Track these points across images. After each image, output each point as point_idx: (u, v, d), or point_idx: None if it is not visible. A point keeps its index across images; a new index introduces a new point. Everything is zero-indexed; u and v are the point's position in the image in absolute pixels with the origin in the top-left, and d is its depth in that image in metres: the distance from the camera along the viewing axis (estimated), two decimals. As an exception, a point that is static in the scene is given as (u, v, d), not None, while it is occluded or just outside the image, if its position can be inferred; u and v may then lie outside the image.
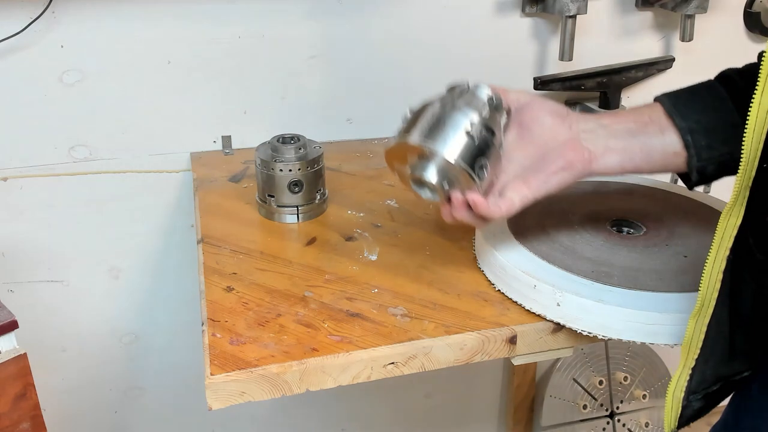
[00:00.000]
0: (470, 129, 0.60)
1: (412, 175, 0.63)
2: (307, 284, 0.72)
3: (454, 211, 0.63)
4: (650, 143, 0.60)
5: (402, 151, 0.63)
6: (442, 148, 0.60)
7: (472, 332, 0.63)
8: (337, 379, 0.61)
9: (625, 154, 0.61)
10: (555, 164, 0.61)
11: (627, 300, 0.61)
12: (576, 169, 0.61)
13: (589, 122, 0.62)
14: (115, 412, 1.25)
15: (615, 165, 0.62)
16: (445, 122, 0.61)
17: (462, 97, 0.63)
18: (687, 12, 1.14)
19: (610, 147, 0.61)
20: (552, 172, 0.61)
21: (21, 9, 0.93)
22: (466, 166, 0.59)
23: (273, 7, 1.03)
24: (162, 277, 1.16)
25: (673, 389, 0.58)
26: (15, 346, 0.76)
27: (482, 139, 0.60)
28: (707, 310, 0.54)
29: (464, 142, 0.60)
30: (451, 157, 0.59)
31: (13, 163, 1.02)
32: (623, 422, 1.45)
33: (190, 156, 1.07)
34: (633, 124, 0.61)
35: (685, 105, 0.60)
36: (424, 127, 0.61)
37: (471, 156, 0.60)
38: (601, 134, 0.61)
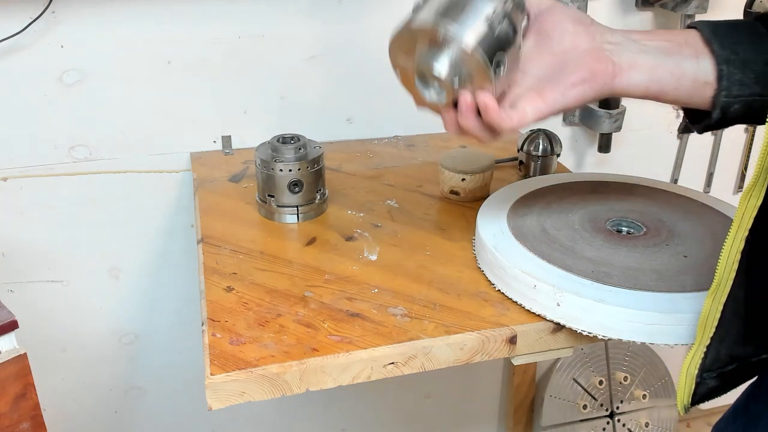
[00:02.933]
0: (491, 16, 0.53)
1: (419, 67, 0.56)
2: (307, 284, 0.72)
3: (460, 117, 0.57)
4: (683, 66, 0.55)
5: (411, 39, 0.56)
6: (458, 32, 0.52)
7: (472, 332, 0.63)
8: (337, 379, 0.61)
9: (653, 73, 0.55)
10: (575, 75, 0.55)
11: (627, 300, 0.61)
12: (597, 83, 0.55)
13: (616, 35, 0.57)
14: (115, 412, 1.25)
15: (640, 84, 0.56)
16: (464, 4, 0.53)
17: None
18: (687, 12, 1.14)
19: (638, 63, 0.55)
20: (571, 84, 0.55)
21: (21, 9, 0.93)
22: (484, 56, 0.52)
23: (273, 7, 1.03)
24: (162, 277, 1.16)
25: (687, 366, 0.57)
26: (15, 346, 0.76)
27: (502, 31, 0.53)
28: (724, 289, 0.54)
29: (483, 31, 0.53)
30: (468, 44, 0.52)
31: (13, 163, 1.02)
32: (623, 422, 1.45)
33: (190, 156, 1.07)
34: (667, 43, 0.56)
35: (725, 34, 0.55)
36: (439, 7, 0.54)
37: (490, 47, 0.53)
38: (629, 47, 0.56)
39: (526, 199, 0.80)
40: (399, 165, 1.03)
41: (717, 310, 0.55)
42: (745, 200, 0.52)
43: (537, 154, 0.95)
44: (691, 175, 1.31)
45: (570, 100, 0.56)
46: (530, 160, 0.96)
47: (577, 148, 1.27)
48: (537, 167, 0.96)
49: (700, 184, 1.33)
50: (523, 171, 0.97)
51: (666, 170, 1.31)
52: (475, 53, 0.53)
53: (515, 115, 0.56)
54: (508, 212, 0.77)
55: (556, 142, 0.96)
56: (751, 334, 0.57)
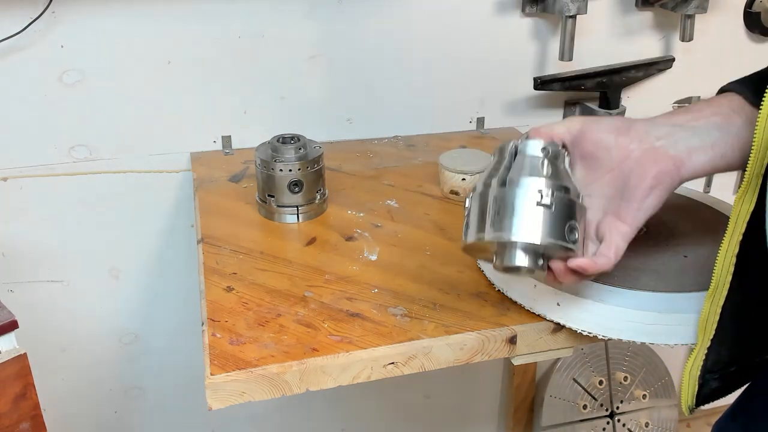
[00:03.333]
0: (541, 199, 0.53)
1: (503, 266, 0.56)
2: (307, 284, 0.72)
3: (559, 278, 0.57)
4: (741, 136, 0.54)
5: (480, 246, 0.57)
6: (520, 235, 0.53)
7: (472, 332, 0.63)
8: (337, 379, 0.61)
9: (714, 150, 0.54)
10: (642, 186, 0.54)
11: (627, 300, 0.61)
12: (666, 182, 0.54)
13: (661, 127, 0.55)
14: (115, 412, 1.25)
15: (706, 164, 0.54)
16: (513, 203, 0.54)
17: (515, 164, 0.56)
18: (687, 12, 1.14)
19: (695, 146, 0.54)
20: (643, 196, 0.54)
21: (21, 9, 0.93)
22: (555, 240, 0.53)
23: (273, 7, 1.03)
24: (162, 277, 1.16)
25: (689, 368, 0.58)
26: (15, 346, 0.76)
27: (559, 201, 0.54)
28: (722, 292, 0.54)
29: (542, 216, 0.53)
30: (535, 239, 0.53)
31: (13, 163, 1.02)
32: (623, 422, 1.45)
33: (190, 156, 1.07)
34: (716, 117, 0.54)
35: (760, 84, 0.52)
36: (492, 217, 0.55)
37: (556, 227, 0.53)
38: (681, 135, 0.54)
39: (526, 199, 0.80)
40: (399, 165, 1.03)
41: (716, 313, 0.56)
42: (738, 205, 0.52)
43: (537, 154, 0.95)
44: (691, 175, 1.31)
45: (648, 210, 0.55)
46: (530, 160, 0.95)
47: (577, 148, 1.27)
48: (537, 167, 0.95)
49: (700, 184, 1.33)
50: (523, 171, 0.97)
51: (666, 170, 1.30)
52: (544, 242, 0.53)
53: (610, 252, 0.55)
54: (508, 212, 0.77)
55: (556, 143, 0.96)
56: (751, 335, 0.57)
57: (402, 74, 1.12)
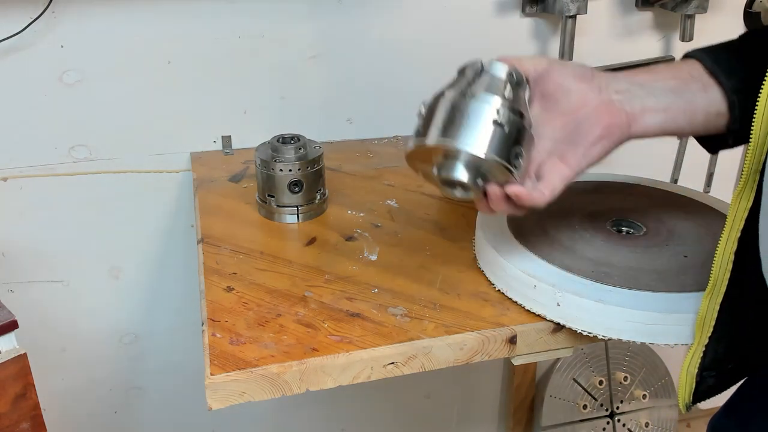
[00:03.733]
0: (497, 117, 0.53)
1: (440, 176, 0.56)
2: (307, 284, 0.72)
3: (492, 204, 0.58)
4: (694, 102, 0.55)
5: (424, 153, 0.57)
6: (469, 144, 0.53)
7: (472, 332, 0.63)
8: (337, 379, 0.61)
9: (667, 113, 0.56)
10: (591, 134, 0.55)
11: (627, 300, 0.61)
12: (615, 135, 0.55)
13: (621, 81, 0.56)
14: (115, 412, 1.25)
15: (656, 126, 0.56)
16: (468, 113, 0.54)
17: (478, 80, 0.56)
18: (687, 12, 1.14)
19: (649, 106, 0.55)
20: (590, 144, 0.55)
21: (21, 9, 0.93)
22: (500, 159, 0.53)
23: (273, 7, 1.03)
24: (162, 277, 1.16)
25: (687, 365, 0.58)
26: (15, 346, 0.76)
27: (512, 124, 0.54)
28: (720, 290, 0.55)
29: (493, 133, 0.53)
30: (481, 152, 0.53)
31: (13, 163, 1.02)
32: (623, 422, 1.45)
33: (190, 156, 1.07)
34: (673, 81, 0.56)
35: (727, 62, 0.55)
36: (443, 123, 0.54)
37: (504, 147, 0.53)
38: (637, 93, 0.56)
39: (526, 199, 0.80)
40: (399, 165, 1.03)
41: (714, 310, 0.56)
42: (736, 202, 0.52)
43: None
44: (691, 175, 1.31)
45: (593, 158, 0.56)
46: (530, 160, 0.95)
47: (577, 148, 1.27)
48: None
49: (700, 184, 1.33)
50: (523, 171, 0.97)
51: (666, 170, 1.31)
52: (490, 159, 0.53)
53: (546, 189, 0.56)
54: (508, 212, 0.77)
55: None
56: (749, 332, 0.57)
57: (402, 74, 1.12)
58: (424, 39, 1.11)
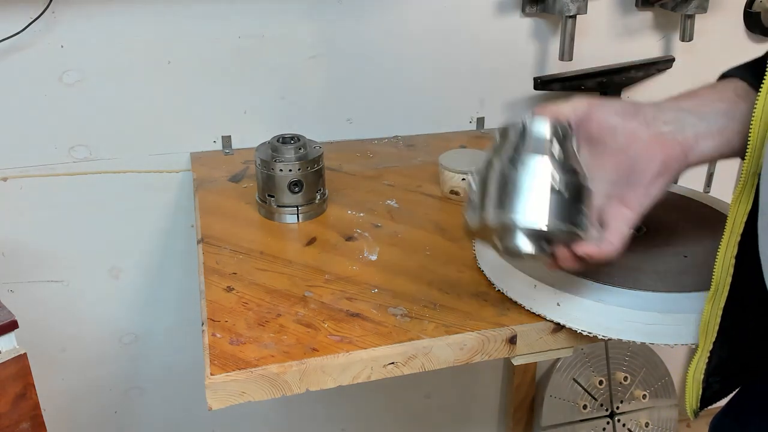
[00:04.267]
0: (554, 183, 0.51)
1: (504, 248, 0.54)
2: (307, 284, 0.72)
3: (561, 264, 0.56)
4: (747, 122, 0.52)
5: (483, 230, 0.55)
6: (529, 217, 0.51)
7: (472, 332, 0.63)
8: (337, 379, 0.61)
9: (722, 137, 0.53)
10: (649, 171, 0.53)
11: (627, 300, 0.61)
12: (673, 168, 0.53)
13: (668, 111, 0.54)
14: (115, 412, 1.25)
15: (713, 151, 0.54)
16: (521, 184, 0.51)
17: (523, 144, 0.53)
18: (687, 12, 1.14)
19: (703, 133, 0.53)
20: (649, 182, 0.53)
21: (21, 9, 0.93)
22: (565, 226, 0.51)
23: (273, 7, 1.03)
24: (162, 277, 1.16)
25: (693, 371, 0.58)
26: (15, 346, 0.76)
27: (569, 185, 0.51)
28: (722, 294, 0.54)
29: (552, 201, 0.51)
30: (543, 224, 0.51)
31: (13, 163, 1.02)
32: (623, 422, 1.45)
33: (190, 156, 1.07)
34: (721, 104, 0.54)
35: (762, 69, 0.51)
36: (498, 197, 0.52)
37: (566, 211, 0.51)
38: (688, 121, 0.53)
39: (526, 199, 0.80)
40: (399, 165, 1.03)
41: (717, 315, 0.56)
42: (735, 206, 0.52)
43: (537, 154, 0.95)
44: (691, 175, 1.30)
45: (653, 196, 0.54)
46: (530, 160, 0.95)
47: (577, 148, 1.27)
48: (537, 167, 0.95)
49: (700, 184, 1.33)
50: (523, 171, 0.97)
51: (666, 170, 1.30)
52: (552, 228, 0.51)
53: (614, 238, 0.54)
54: (508, 212, 0.77)
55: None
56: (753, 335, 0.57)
57: (402, 74, 1.12)
58: (424, 39, 1.11)
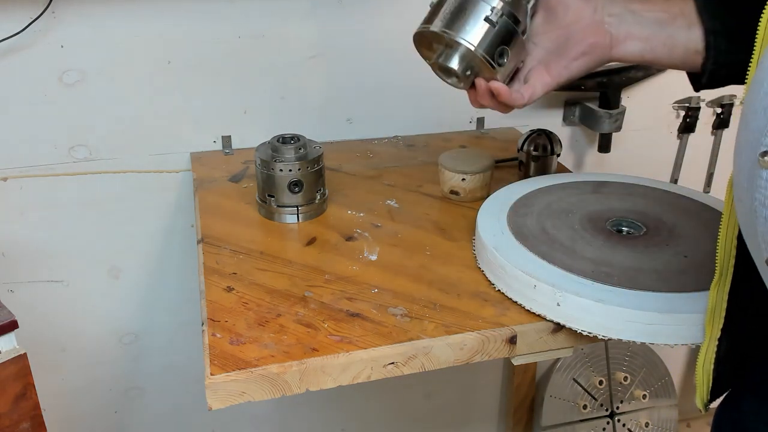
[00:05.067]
0: (491, 14, 0.61)
1: (438, 63, 0.64)
2: (307, 284, 0.72)
3: (478, 98, 0.63)
4: (676, 37, 0.59)
5: (427, 39, 0.65)
6: (461, 36, 0.61)
7: (472, 332, 0.63)
8: (337, 379, 0.61)
9: (647, 43, 0.60)
10: (575, 49, 0.60)
11: (627, 300, 0.61)
12: (596, 54, 0.60)
13: (616, 6, 0.61)
14: (115, 412, 1.25)
15: (636, 52, 0.60)
16: (467, 9, 0.61)
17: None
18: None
19: (634, 34, 0.60)
20: (572, 58, 0.61)
21: (21, 9, 0.93)
22: (484, 54, 0.61)
23: (273, 7, 1.03)
24: (162, 277, 1.16)
25: (702, 362, 0.57)
26: (15, 346, 0.76)
27: (503, 25, 0.61)
28: (726, 278, 0.54)
29: (484, 30, 0.61)
30: (471, 45, 0.61)
31: (13, 163, 1.02)
32: (623, 422, 1.45)
33: (190, 156, 1.07)
34: (662, 14, 0.59)
35: (717, 4, 0.57)
36: (446, 14, 0.63)
37: (491, 44, 0.61)
38: (627, 19, 0.60)
39: (526, 199, 0.80)
40: (399, 165, 1.03)
41: (723, 300, 0.55)
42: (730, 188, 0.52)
43: (537, 154, 0.95)
44: (691, 175, 1.31)
45: (573, 71, 0.61)
46: (530, 160, 0.96)
47: (577, 148, 1.27)
48: (537, 167, 0.96)
49: (700, 184, 1.33)
50: (523, 171, 0.97)
51: (666, 170, 1.31)
52: (476, 53, 0.61)
53: (526, 92, 0.62)
54: (508, 212, 0.77)
55: (556, 142, 0.96)
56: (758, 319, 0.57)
57: (402, 74, 1.12)
58: (424, 39, 1.11)
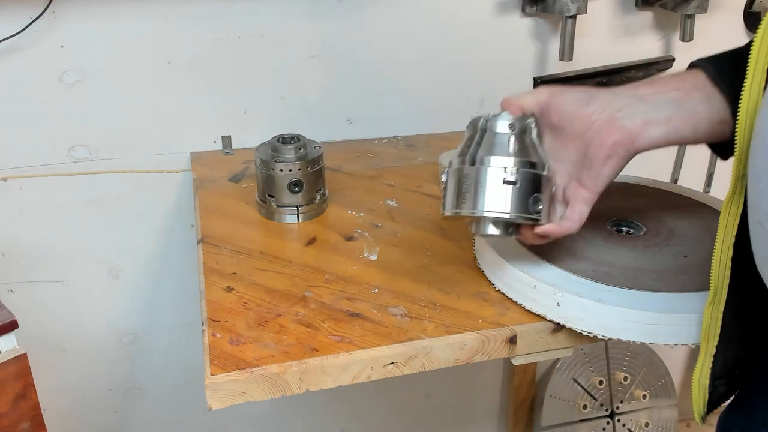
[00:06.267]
0: (508, 176, 0.59)
1: (478, 234, 0.63)
2: (307, 284, 0.72)
3: (529, 241, 0.63)
4: (697, 112, 0.57)
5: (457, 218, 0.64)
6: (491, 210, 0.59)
7: (472, 332, 0.63)
8: (337, 379, 0.61)
9: (669, 125, 0.57)
10: (600, 155, 0.58)
11: (627, 300, 0.61)
12: (621, 152, 0.58)
13: (623, 98, 0.59)
14: (115, 412, 1.25)
15: (660, 137, 0.58)
16: (481, 181, 0.60)
17: (483, 142, 0.61)
18: (687, 12, 1.14)
19: (651, 120, 0.57)
20: (600, 165, 0.58)
21: (21, 9, 0.93)
22: (519, 215, 0.59)
23: (273, 7, 1.03)
24: (162, 277, 1.16)
25: (698, 377, 0.58)
26: (15, 346, 0.76)
27: (524, 178, 0.59)
28: (721, 298, 0.55)
29: (510, 193, 0.59)
30: (504, 215, 0.59)
31: (13, 163, 1.02)
32: (623, 422, 1.45)
33: (190, 156, 1.07)
34: (675, 92, 0.57)
35: (731, 71, 0.55)
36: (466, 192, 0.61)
37: (520, 201, 0.59)
38: (638, 108, 0.58)
39: (526, 199, 0.80)
40: (399, 165, 1.03)
41: (718, 319, 0.56)
42: (726, 209, 0.52)
43: (537, 154, 0.95)
44: (691, 175, 1.31)
45: (606, 177, 0.59)
46: (530, 160, 0.95)
47: (577, 148, 1.27)
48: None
49: (700, 184, 1.33)
50: (523, 171, 0.97)
51: (666, 170, 1.31)
52: (512, 218, 0.59)
53: (574, 216, 0.60)
54: (508, 212, 0.77)
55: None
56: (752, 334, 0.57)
57: (402, 74, 1.13)
58: (424, 39, 1.11)
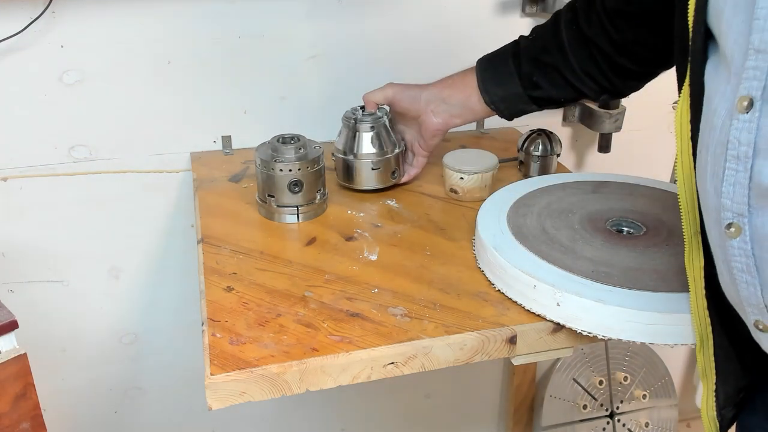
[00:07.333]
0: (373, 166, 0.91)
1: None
2: (307, 284, 0.72)
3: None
4: (475, 109, 0.87)
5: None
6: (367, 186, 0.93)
7: (472, 332, 0.63)
8: (337, 379, 0.61)
9: (461, 118, 0.89)
10: (427, 134, 0.91)
11: (627, 300, 0.61)
12: (441, 133, 0.91)
13: (434, 100, 0.89)
14: (115, 412, 1.25)
15: (458, 124, 0.90)
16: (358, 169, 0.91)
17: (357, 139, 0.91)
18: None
19: (451, 115, 0.88)
20: (429, 139, 0.91)
21: (21, 9, 0.93)
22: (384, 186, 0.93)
23: (273, 7, 1.03)
24: (162, 277, 1.16)
25: (705, 410, 0.61)
26: (15, 346, 0.76)
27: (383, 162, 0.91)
28: (708, 343, 0.58)
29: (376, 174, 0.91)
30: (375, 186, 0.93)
31: (13, 163, 1.02)
32: (623, 422, 1.45)
33: (190, 156, 1.07)
34: (461, 95, 0.87)
35: (490, 82, 0.85)
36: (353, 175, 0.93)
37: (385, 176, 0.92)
38: (443, 108, 0.88)
39: (526, 199, 0.80)
40: (399, 165, 1.03)
41: (710, 361, 0.58)
42: (690, 265, 0.57)
43: (537, 154, 0.95)
44: (691, 175, 1.31)
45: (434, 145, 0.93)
46: (530, 160, 0.96)
47: (577, 148, 1.27)
48: (537, 167, 0.96)
49: (700, 184, 1.33)
50: (523, 171, 0.97)
51: (666, 170, 1.31)
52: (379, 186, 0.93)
53: (419, 164, 0.95)
54: (508, 212, 0.77)
55: (556, 142, 0.96)
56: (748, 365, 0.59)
57: (402, 74, 1.12)
58: (424, 39, 1.11)
